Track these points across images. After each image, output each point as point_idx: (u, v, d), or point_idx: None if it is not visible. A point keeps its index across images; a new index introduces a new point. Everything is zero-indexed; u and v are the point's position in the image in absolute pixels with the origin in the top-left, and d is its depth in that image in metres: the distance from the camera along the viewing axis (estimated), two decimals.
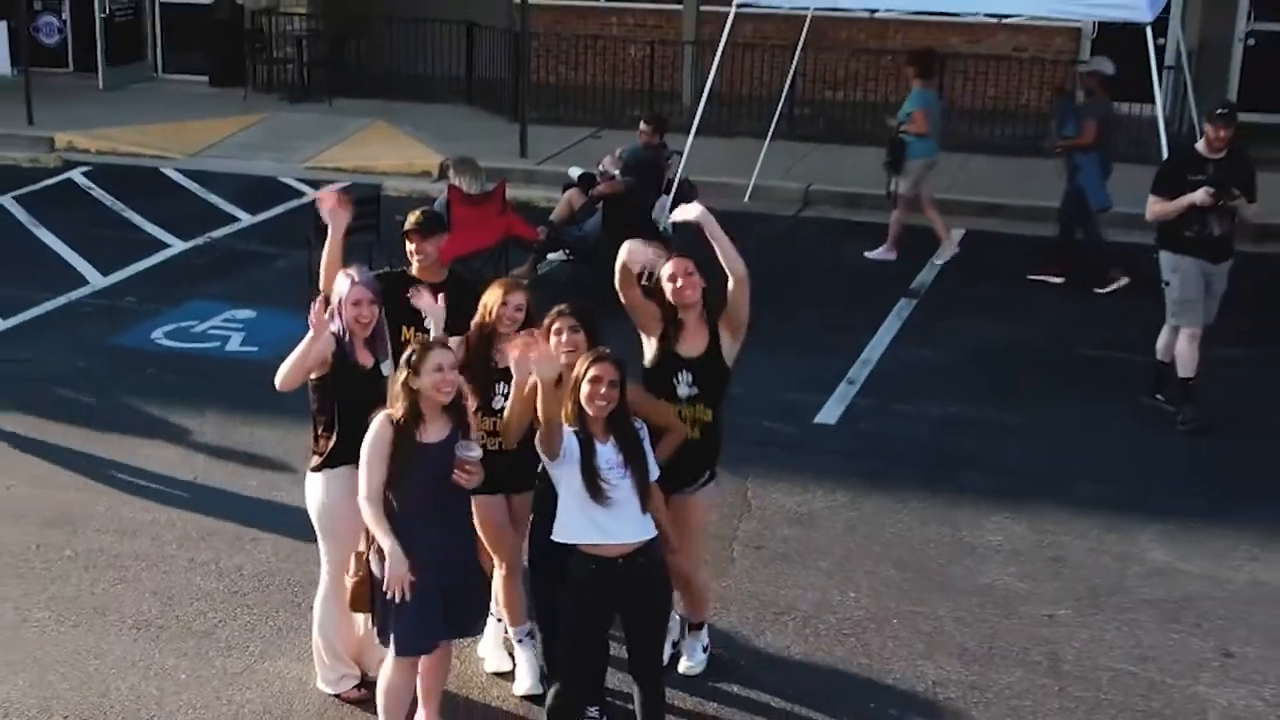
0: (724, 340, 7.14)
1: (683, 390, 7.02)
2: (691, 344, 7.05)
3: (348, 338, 6.84)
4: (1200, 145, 10.73)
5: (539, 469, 6.69)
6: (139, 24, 25.35)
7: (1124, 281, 13.92)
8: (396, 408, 6.29)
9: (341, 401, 6.78)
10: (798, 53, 17.69)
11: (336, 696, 7.25)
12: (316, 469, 6.95)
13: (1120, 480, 9.81)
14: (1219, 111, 10.64)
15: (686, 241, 7.60)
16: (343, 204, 7.60)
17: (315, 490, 6.98)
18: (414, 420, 6.25)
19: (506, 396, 6.63)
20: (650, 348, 7.07)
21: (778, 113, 18.02)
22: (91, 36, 24.66)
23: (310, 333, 6.72)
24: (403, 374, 6.27)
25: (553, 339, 6.55)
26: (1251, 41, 20.58)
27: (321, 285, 7.32)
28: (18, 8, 23.36)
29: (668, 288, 6.98)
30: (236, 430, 10.59)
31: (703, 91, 16.31)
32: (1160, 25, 19.08)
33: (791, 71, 17.98)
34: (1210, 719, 7.14)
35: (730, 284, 7.12)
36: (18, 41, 23.52)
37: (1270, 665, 7.59)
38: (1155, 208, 10.71)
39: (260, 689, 7.37)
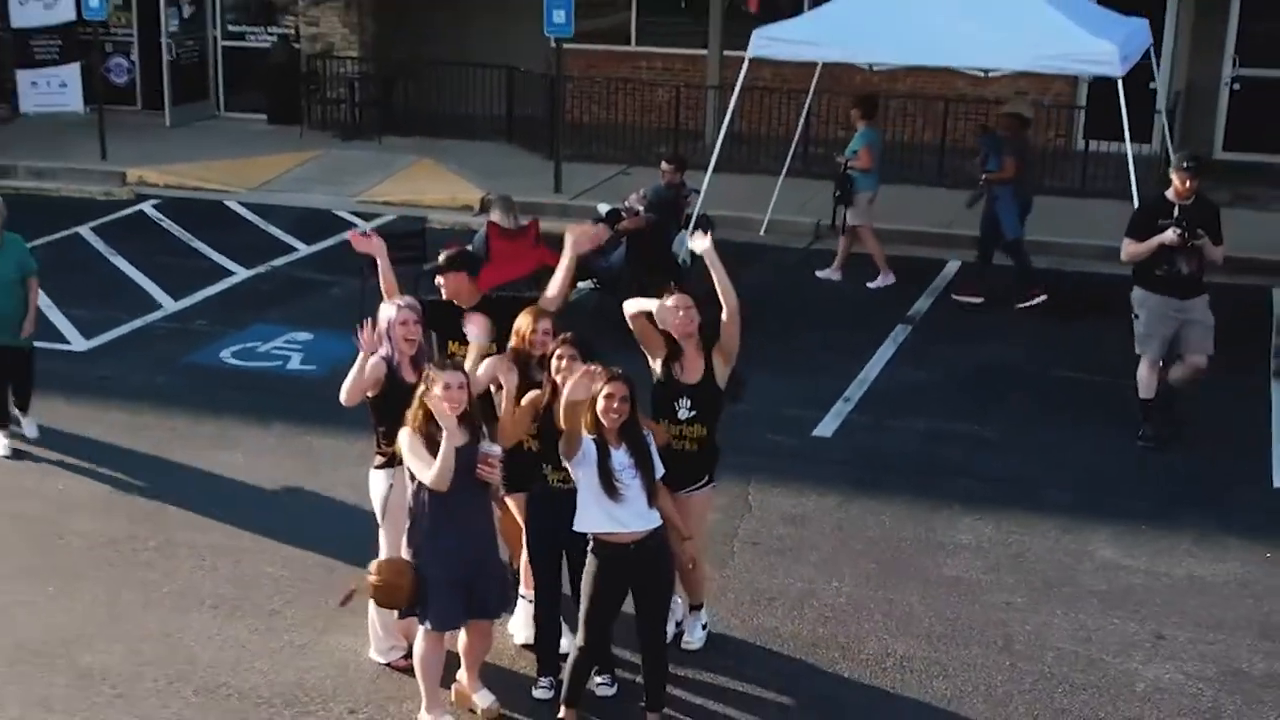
0: (717, 367, 8.01)
1: (682, 414, 7.95)
2: (690, 372, 7.95)
3: (396, 359, 7.77)
4: (1169, 193, 11.29)
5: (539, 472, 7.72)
6: (203, 65, 25.75)
7: (1042, 299, 14.86)
8: (415, 417, 7.23)
9: (395, 415, 7.53)
10: (810, 96, 18.42)
11: (387, 665, 8.17)
12: (380, 467, 7.94)
13: (1081, 488, 10.63)
14: (1185, 164, 11.23)
15: (702, 272, 8.51)
16: (368, 241, 8.65)
17: (379, 485, 7.97)
18: (430, 427, 7.13)
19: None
20: (657, 370, 8.02)
21: (792, 151, 18.57)
22: (159, 77, 25.04)
23: (361, 354, 7.72)
24: (421, 390, 7.23)
25: (554, 361, 7.48)
26: (1236, 86, 21.00)
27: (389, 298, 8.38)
28: (91, 50, 23.90)
29: (671, 315, 7.92)
30: (298, 439, 11.49)
31: (725, 129, 16.97)
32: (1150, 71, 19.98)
33: (805, 113, 18.58)
34: (1138, 689, 8.02)
35: (724, 315, 8.01)
36: (91, 81, 23.86)
37: (1195, 646, 8.47)
38: (1129, 249, 11.36)
39: (322, 658, 8.30)
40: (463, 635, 7.57)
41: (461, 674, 7.76)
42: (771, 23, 16.30)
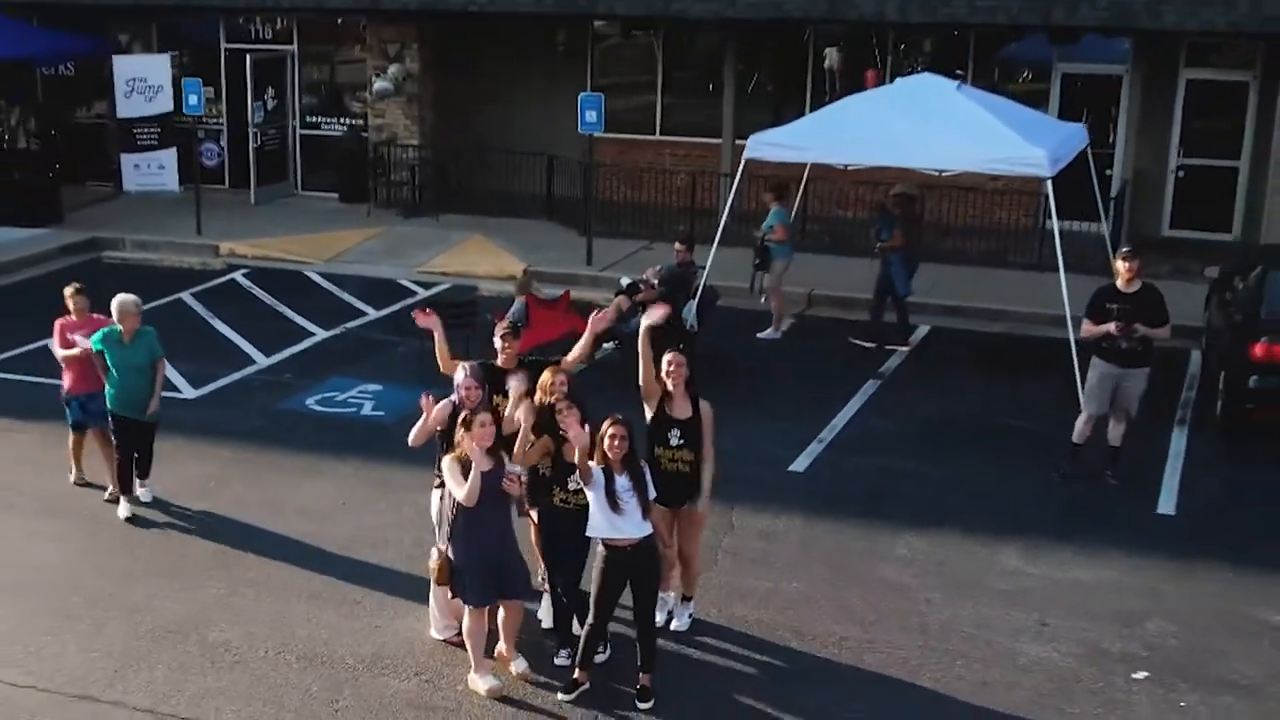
0: (702, 410, 9.98)
1: (674, 441, 9.86)
2: (679, 410, 9.89)
3: (460, 406, 9.76)
4: (1118, 281, 12.92)
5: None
6: (283, 151, 26.95)
7: (908, 348, 17.28)
8: (457, 451, 9.20)
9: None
10: (804, 183, 20.09)
11: (444, 641, 10.10)
12: (438, 488, 9.89)
13: (1000, 513, 12.44)
14: (1124, 251, 13.07)
15: (705, 335, 10.32)
16: (430, 317, 10.60)
17: (437, 502, 9.94)
18: (466, 455, 9.09)
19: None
20: (650, 410, 9.96)
21: (791, 215, 19.71)
22: (245, 160, 26.32)
23: (424, 416, 9.73)
24: (460, 432, 9.22)
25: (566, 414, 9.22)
26: (1181, 174, 22.36)
27: (442, 368, 10.35)
28: (186, 137, 25.30)
29: (665, 367, 9.91)
30: (371, 470, 13.32)
31: (728, 211, 18.42)
32: (1109, 159, 21.70)
33: (799, 196, 20.09)
34: (1020, 663, 9.86)
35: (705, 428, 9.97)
36: (185, 164, 24.98)
37: (1071, 631, 10.30)
38: (1085, 329, 13.08)
39: (393, 636, 10.18)
40: (501, 613, 9.54)
41: (501, 645, 9.72)
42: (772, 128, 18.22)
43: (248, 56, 26.16)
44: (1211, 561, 11.52)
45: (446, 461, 9.28)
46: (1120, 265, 12.97)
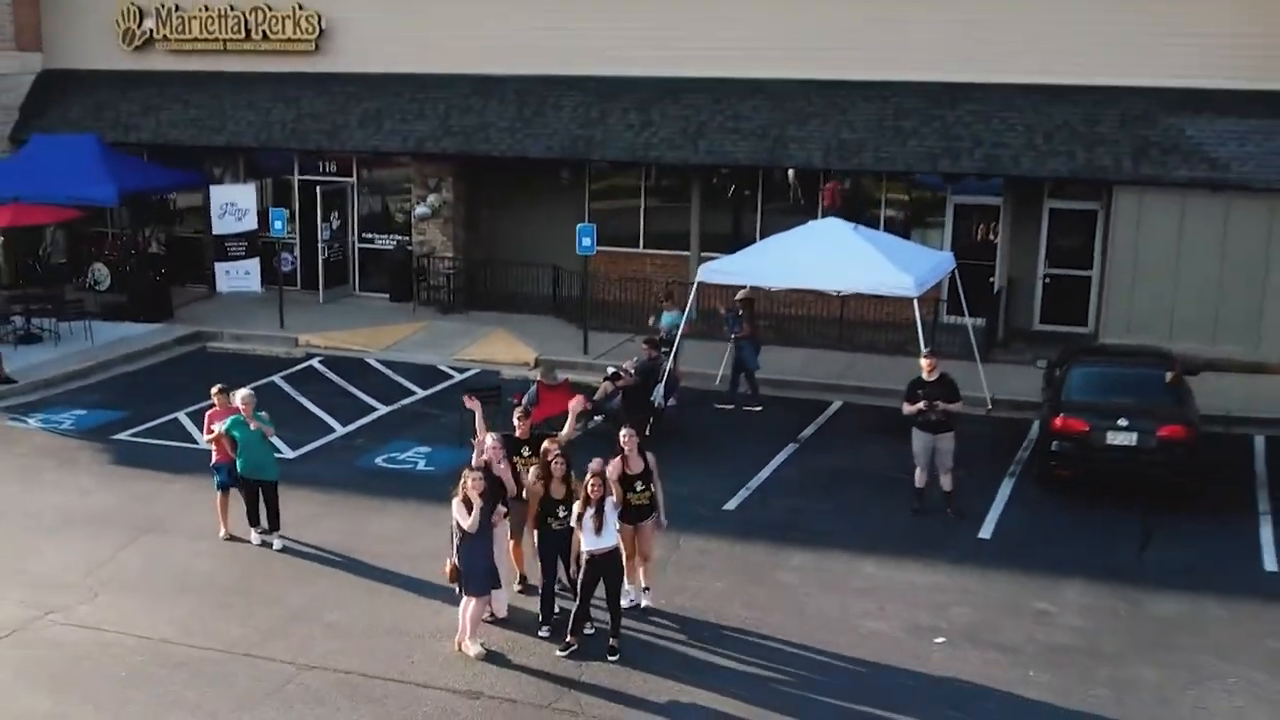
0: (649, 460, 13.79)
1: (637, 487, 13.60)
2: (634, 466, 13.61)
3: (490, 463, 13.55)
4: (922, 373, 16.67)
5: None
6: (345, 260, 29.64)
7: (760, 408, 20.95)
8: (460, 493, 12.86)
9: (491, 492, 13.35)
10: (743, 293, 22.43)
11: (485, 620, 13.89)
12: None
13: (869, 536, 16.04)
14: (926, 351, 16.86)
15: (673, 411, 14.10)
16: (474, 401, 14.37)
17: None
18: (468, 499, 12.78)
19: (562, 504, 13.21)
20: (614, 471, 13.67)
21: (742, 322, 22.41)
22: (314, 267, 29.09)
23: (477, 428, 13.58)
24: (463, 480, 12.88)
25: (553, 465, 13.12)
26: (1047, 280, 25.57)
27: (478, 435, 14.13)
28: (268, 249, 28.17)
29: (622, 438, 13.71)
30: (425, 509, 16.73)
31: (691, 311, 22.10)
32: (991, 269, 25.11)
33: (743, 295, 22.13)
34: (863, 633, 13.56)
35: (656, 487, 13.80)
36: (266, 271, 28.19)
37: (900, 613, 13.96)
38: (905, 408, 16.72)
39: (446, 619, 13.63)
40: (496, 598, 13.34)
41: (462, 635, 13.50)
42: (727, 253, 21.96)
43: (317, 187, 29.16)
44: (1008, 570, 15.20)
45: (455, 502, 12.85)
46: (923, 362, 16.65)
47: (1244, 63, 22.66)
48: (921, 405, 16.41)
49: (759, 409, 21.21)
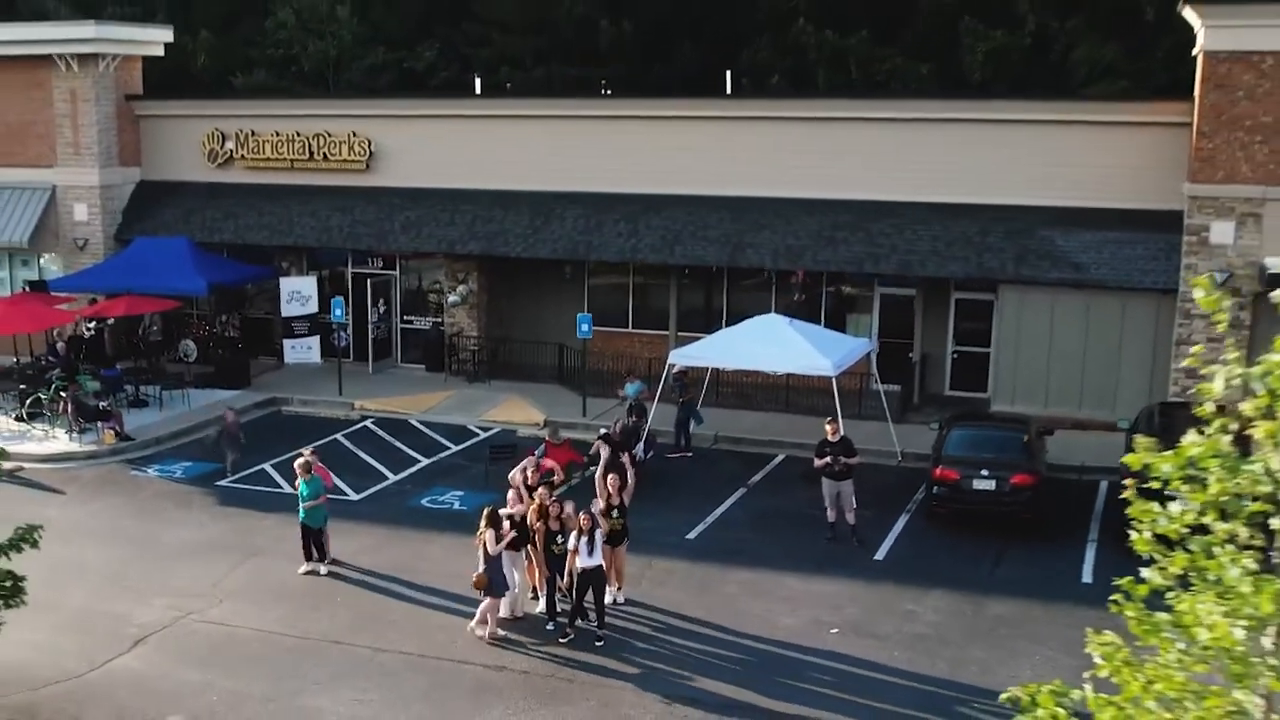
0: (626, 501, 17.73)
1: (614, 515, 17.61)
2: (614, 501, 17.67)
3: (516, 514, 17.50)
4: (827, 435, 20.52)
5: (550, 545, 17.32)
6: (389, 338, 32.81)
7: (690, 454, 24.40)
8: (483, 524, 16.86)
9: (517, 527, 17.35)
10: (709, 372, 26.66)
11: (486, 628, 17.78)
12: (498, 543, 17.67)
13: (795, 558, 19.80)
14: (829, 420, 20.75)
15: (651, 467, 18.15)
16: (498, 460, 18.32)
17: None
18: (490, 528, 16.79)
19: (559, 534, 17.15)
20: (603, 504, 17.63)
21: (703, 391, 26.81)
22: (364, 343, 32.20)
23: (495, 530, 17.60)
24: (485, 516, 16.88)
25: (552, 507, 17.12)
26: (955, 355, 29.20)
27: (510, 479, 18.07)
28: (326, 328, 31.22)
29: (609, 484, 17.66)
30: (461, 540, 19.96)
31: (666, 382, 25.87)
32: (910, 346, 28.87)
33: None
34: (780, 626, 17.46)
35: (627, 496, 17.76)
36: (326, 346, 31.63)
37: (808, 613, 17.87)
38: (815, 462, 20.56)
39: (468, 609, 17.82)
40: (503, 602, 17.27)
41: (499, 613, 17.45)
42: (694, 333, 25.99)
43: (367, 279, 32.80)
44: (891, 581, 19.07)
45: (489, 534, 16.72)
46: (827, 427, 20.51)
47: (1101, 188, 26.68)
48: (826, 460, 20.23)
49: (688, 455, 25.08)
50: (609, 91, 37.50)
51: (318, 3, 44.11)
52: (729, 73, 34.12)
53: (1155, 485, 7.25)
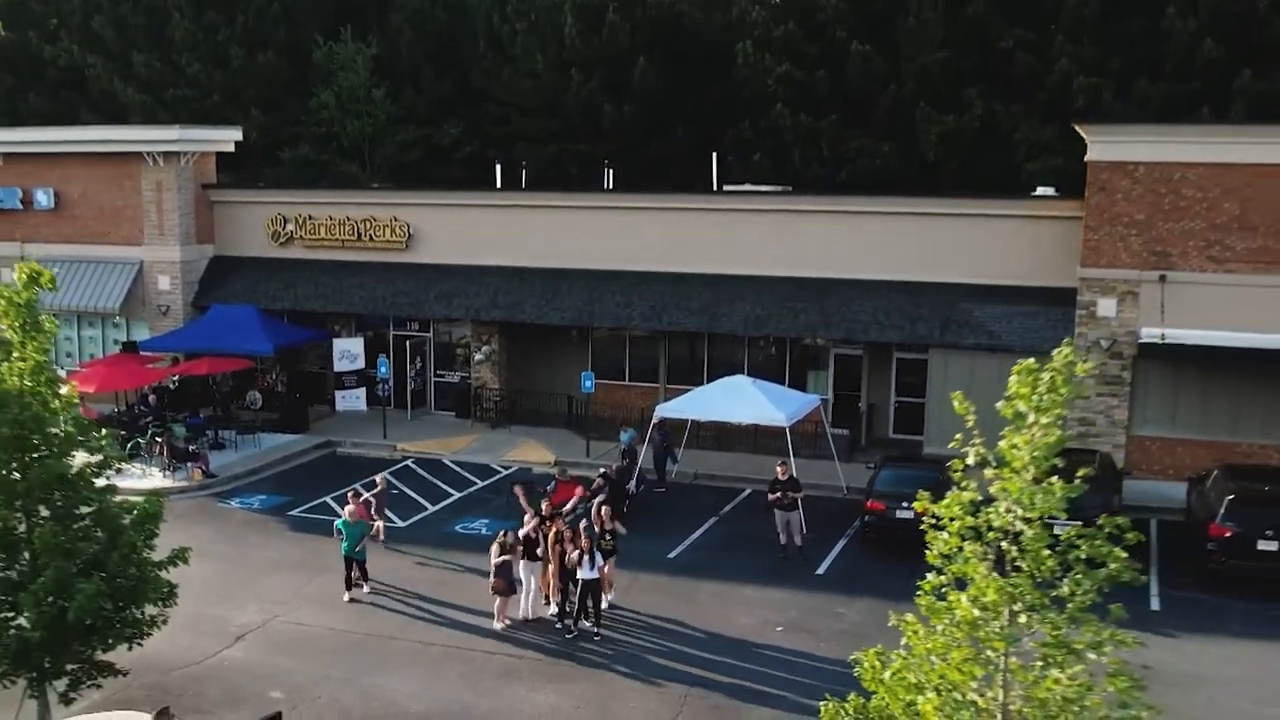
0: (616, 525, 21.32)
1: (608, 537, 21.22)
2: (609, 526, 21.28)
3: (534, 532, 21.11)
4: (779, 474, 24.23)
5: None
6: (424, 389, 35.61)
7: (664, 490, 27.45)
8: (498, 544, 20.45)
9: (529, 545, 20.95)
10: (689, 424, 30.08)
11: (506, 623, 21.33)
12: (522, 559, 21.25)
13: (750, 573, 23.18)
14: (780, 462, 24.35)
15: (641, 499, 21.77)
16: (518, 495, 21.94)
17: (520, 569, 21.32)
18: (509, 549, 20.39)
19: (580, 550, 20.70)
20: (599, 528, 21.25)
21: (684, 437, 29.97)
22: (404, 394, 35.07)
23: (523, 511, 21.23)
24: (500, 537, 20.48)
25: (561, 533, 20.71)
26: (897, 404, 32.45)
27: (527, 511, 21.69)
28: (371, 381, 34.29)
29: (604, 511, 21.27)
30: (487, 561, 24.35)
31: (652, 434, 29.76)
32: (858, 397, 32.40)
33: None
34: (737, 624, 21.03)
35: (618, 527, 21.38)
36: (371, 396, 34.67)
37: (761, 614, 21.37)
38: (769, 496, 24.23)
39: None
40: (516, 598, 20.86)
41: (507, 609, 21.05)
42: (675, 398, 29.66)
43: (406, 340, 36.06)
44: (827, 591, 22.52)
45: (494, 547, 20.32)
46: (778, 468, 23.92)
47: (1010, 269, 30.33)
48: (777, 495, 23.82)
49: (663, 490, 28.31)
50: (611, 169, 40.46)
51: (356, 86, 47.04)
52: (714, 155, 37.35)
53: (940, 520, 10.88)
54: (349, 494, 23.96)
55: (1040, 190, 31.71)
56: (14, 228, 38.97)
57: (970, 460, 10.70)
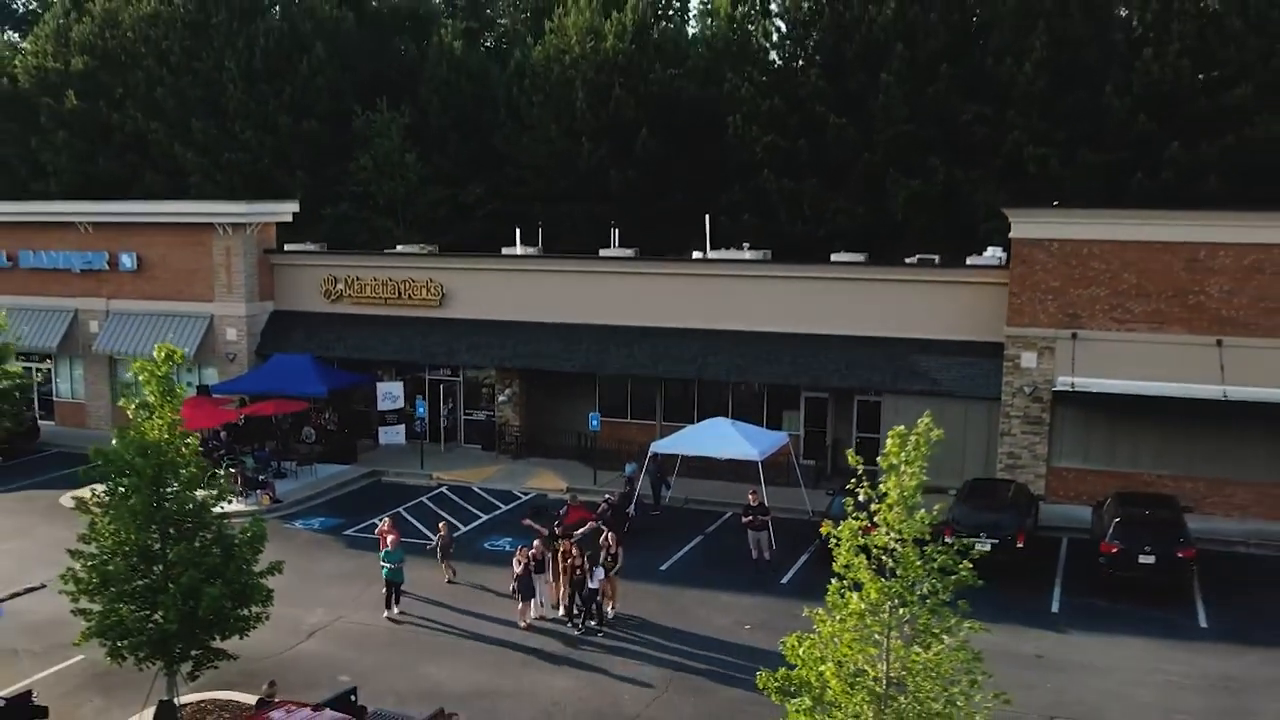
0: (617, 545, 24.77)
1: (603, 557, 24.65)
2: (612, 547, 24.71)
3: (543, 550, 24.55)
4: (750, 502, 27.63)
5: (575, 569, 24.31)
6: (455, 425, 38.44)
7: (659, 512, 30.72)
8: (519, 556, 23.84)
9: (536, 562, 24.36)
10: (679, 458, 33.03)
11: (530, 621, 24.71)
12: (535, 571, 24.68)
13: (728, 582, 26.61)
14: (751, 490, 27.77)
15: (640, 522, 25.17)
16: (530, 523, 25.31)
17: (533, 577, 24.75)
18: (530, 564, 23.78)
19: (578, 566, 24.08)
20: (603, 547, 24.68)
21: (676, 468, 32.76)
22: (438, 428, 37.99)
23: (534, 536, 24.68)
24: (519, 551, 23.85)
25: (573, 551, 24.11)
26: (859, 440, 35.05)
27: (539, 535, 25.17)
28: (409, 419, 37.20)
29: (605, 536, 24.72)
30: (511, 573, 27.69)
31: (647, 466, 33.08)
32: (825, 434, 35.76)
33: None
34: (713, 624, 24.32)
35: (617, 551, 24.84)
36: (409, 431, 37.34)
37: (731, 616, 24.70)
38: (742, 519, 27.74)
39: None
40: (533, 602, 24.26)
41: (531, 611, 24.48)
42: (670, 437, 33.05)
43: (440, 385, 39.07)
44: (788, 597, 25.61)
45: (515, 561, 23.70)
46: (750, 496, 27.16)
47: (950, 326, 33.67)
48: (750, 518, 27.22)
49: (657, 513, 31.27)
50: (616, 228, 43.09)
51: (390, 150, 49.50)
52: (707, 216, 40.33)
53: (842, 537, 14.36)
54: (386, 521, 26.55)
55: (990, 250, 34.81)
56: (100, 285, 42.43)
57: (861, 497, 14.15)
